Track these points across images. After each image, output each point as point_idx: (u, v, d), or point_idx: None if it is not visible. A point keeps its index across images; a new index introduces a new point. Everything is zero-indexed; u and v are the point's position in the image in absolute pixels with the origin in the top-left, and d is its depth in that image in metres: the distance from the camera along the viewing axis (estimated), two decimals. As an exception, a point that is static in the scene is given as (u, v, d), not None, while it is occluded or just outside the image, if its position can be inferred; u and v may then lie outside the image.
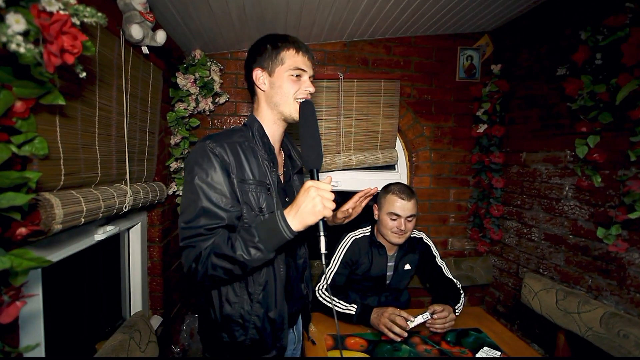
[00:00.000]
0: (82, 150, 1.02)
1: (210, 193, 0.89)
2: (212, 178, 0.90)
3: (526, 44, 2.06)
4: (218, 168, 0.91)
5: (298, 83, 1.00)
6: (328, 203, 0.80)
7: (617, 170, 1.49)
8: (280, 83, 1.00)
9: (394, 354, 1.24)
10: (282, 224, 0.82)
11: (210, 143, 0.93)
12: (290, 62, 0.99)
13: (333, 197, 0.81)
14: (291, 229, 0.82)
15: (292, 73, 0.99)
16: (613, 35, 1.38)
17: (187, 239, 0.89)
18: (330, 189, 0.82)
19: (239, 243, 0.84)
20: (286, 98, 1.00)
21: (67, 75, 0.91)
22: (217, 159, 0.92)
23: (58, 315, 1.17)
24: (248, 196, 0.95)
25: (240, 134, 1.02)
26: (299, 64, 1.00)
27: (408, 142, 2.31)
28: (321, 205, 0.79)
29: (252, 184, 0.96)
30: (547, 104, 1.89)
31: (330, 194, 0.81)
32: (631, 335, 1.31)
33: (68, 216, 0.86)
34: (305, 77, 1.02)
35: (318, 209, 0.79)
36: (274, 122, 1.05)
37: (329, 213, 0.80)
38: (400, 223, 1.54)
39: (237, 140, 0.98)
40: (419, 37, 2.24)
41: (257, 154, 1.00)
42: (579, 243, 1.70)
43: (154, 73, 1.55)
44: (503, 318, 2.25)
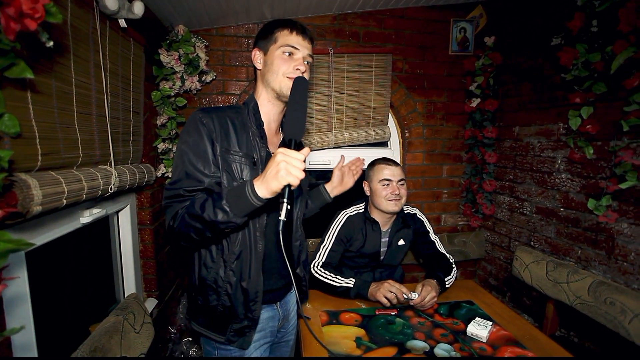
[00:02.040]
0: (60, 130, 0.98)
1: (193, 158, 0.95)
2: (197, 144, 0.96)
3: (521, 14, 2.00)
4: (204, 136, 0.96)
5: (289, 60, 1.02)
6: (294, 170, 0.79)
7: (610, 142, 1.48)
8: (271, 60, 1.04)
9: (389, 328, 1.26)
10: (248, 189, 0.84)
11: (200, 113, 0.99)
12: (282, 40, 1.03)
13: (302, 167, 0.80)
14: (257, 194, 0.83)
15: (283, 50, 1.02)
16: (610, 0, 1.34)
17: (168, 199, 0.96)
18: (301, 157, 0.81)
19: (209, 204, 0.86)
20: (276, 75, 1.03)
21: (35, 48, 0.85)
22: (204, 127, 0.97)
23: (48, 299, 1.16)
24: (231, 166, 0.99)
25: (236, 110, 1.07)
26: (291, 42, 1.02)
27: (400, 118, 2.28)
28: (285, 170, 0.79)
29: (237, 155, 1.00)
30: (541, 75, 1.86)
31: (298, 163, 0.80)
32: (617, 302, 1.34)
33: (48, 197, 0.83)
34: (298, 55, 1.03)
35: (281, 174, 0.79)
36: (268, 100, 1.08)
37: (293, 180, 0.79)
38: (394, 187, 1.56)
39: (230, 115, 1.03)
40: (410, 9, 2.17)
41: (249, 129, 1.04)
42: (570, 215, 1.72)
43: (135, 49, 1.48)
44: (495, 291, 2.30)
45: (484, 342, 1.17)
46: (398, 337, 1.20)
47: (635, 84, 1.30)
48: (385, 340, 1.19)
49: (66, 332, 1.28)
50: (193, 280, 1.09)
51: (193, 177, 0.95)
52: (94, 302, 1.51)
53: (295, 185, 0.80)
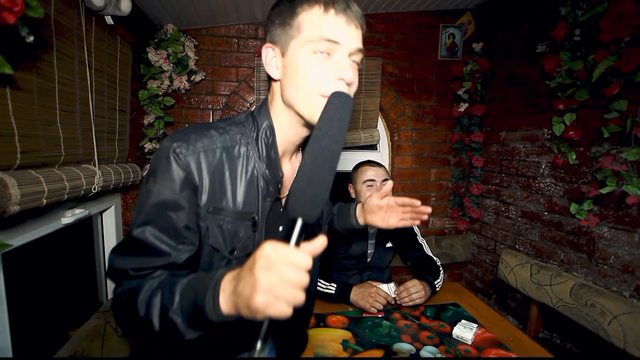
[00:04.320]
0: (41, 127, 0.95)
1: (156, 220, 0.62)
2: (164, 199, 0.62)
3: (508, 21, 2.04)
4: (177, 186, 0.62)
5: (326, 65, 0.63)
6: (286, 293, 0.42)
7: (591, 147, 1.52)
8: (294, 66, 0.64)
9: (376, 330, 1.26)
10: (209, 298, 0.50)
11: (178, 146, 0.62)
12: (310, 30, 0.62)
13: (304, 282, 0.43)
14: (219, 309, 0.49)
15: (315, 48, 0.62)
16: (592, 11, 1.38)
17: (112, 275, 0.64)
18: (306, 265, 0.44)
19: (157, 303, 0.56)
20: (305, 90, 0.63)
21: (16, 43, 0.83)
22: (181, 172, 0.62)
23: (26, 302, 1.12)
24: (219, 232, 0.67)
25: (237, 131, 0.70)
26: (328, 32, 0.61)
27: (390, 121, 2.29)
28: (267, 296, 0.42)
29: (230, 215, 0.67)
30: (526, 82, 1.90)
31: (299, 276, 0.43)
32: (597, 304, 1.37)
33: (26, 197, 0.81)
34: (341, 53, 0.63)
35: (257, 303, 0.42)
36: (290, 126, 0.71)
37: (280, 312, 0.42)
38: (378, 188, 1.58)
39: (226, 144, 0.67)
40: (401, 14, 2.19)
41: (254, 167, 0.69)
42: (553, 219, 1.75)
43: (122, 47, 1.46)
44: (481, 293, 2.33)
45: (469, 345, 1.18)
46: (385, 339, 1.21)
47: (615, 92, 1.34)
48: (372, 342, 1.19)
49: (45, 336, 1.25)
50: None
51: (150, 249, 0.61)
52: (76, 305, 1.47)
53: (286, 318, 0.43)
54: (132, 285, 0.60)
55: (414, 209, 0.94)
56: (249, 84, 2.07)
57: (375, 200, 0.97)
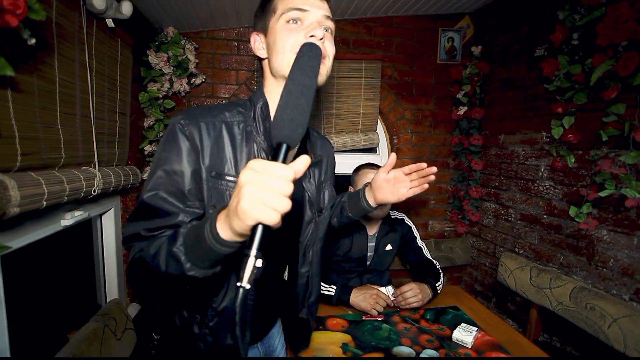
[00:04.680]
0: (42, 129, 0.95)
1: (164, 183, 0.68)
2: (172, 164, 0.68)
3: (506, 25, 2.06)
4: (183, 153, 0.69)
5: (298, 29, 0.72)
6: (271, 198, 0.44)
7: (590, 151, 1.53)
8: (274, 38, 0.74)
9: (375, 333, 1.26)
10: (207, 227, 0.53)
11: (183, 119, 0.70)
12: (282, 6, 0.73)
13: (287, 190, 0.45)
14: (217, 234, 0.52)
15: (286, 18, 0.72)
16: (590, 15, 1.39)
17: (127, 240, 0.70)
18: (285, 174, 0.46)
19: (164, 248, 0.60)
20: (283, 54, 0.72)
21: (17, 45, 0.83)
22: (186, 140, 0.69)
23: (25, 304, 1.12)
24: (222, 195, 0.72)
25: (237, 111, 0.78)
26: (295, 3, 0.72)
27: (389, 124, 2.30)
28: (252, 200, 0.45)
29: (232, 181, 0.72)
30: (525, 85, 1.91)
31: (283, 184, 0.45)
32: (597, 307, 1.37)
33: (26, 199, 0.81)
34: (310, 19, 0.72)
35: (243, 205, 0.45)
36: None
37: (267, 216, 0.44)
38: None
39: (226, 120, 0.75)
40: (400, 17, 2.21)
41: (253, 140, 0.76)
42: (553, 222, 1.75)
43: (122, 49, 1.46)
44: (480, 296, 2.32)
45: (469, 348, 1.17)
46: (384, 342, 1.20)
47: (612, 96, 1.35)
48: (372, 346, 1.18)
49: (43, 339, 1.24)
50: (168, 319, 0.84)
51: (159, 211, 0.67)
52: (74, 307, 1.46)
53: (274, 224, 0.45)
54: (144, 246, 0.65)
55: (420, 173, 0.97)
56: (249, 87, 2.07)
57: (382, 175, 0.99)
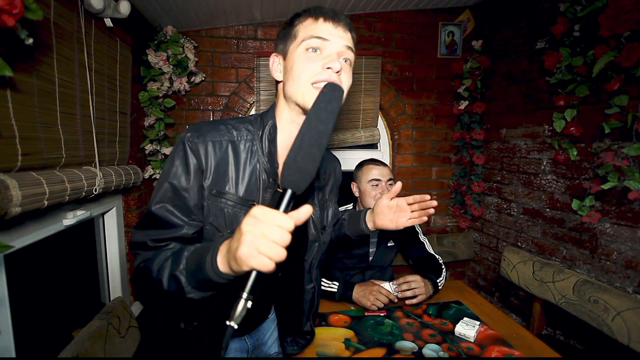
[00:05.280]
0: (42, 129, 0.96)
1: (170, 197, 0.72)
2: (179, 179, 0.73)
3: (507, 19, 2.04)
4: (191, 169, 0.73)
5: (316, 59, 0.73)
6: (268, 248, 0.48)
7: (592, 143, 1.52)
8: (291, 64, 0.75)
9: (378, 329, 1.26)
10: (209, 258, 0.57)
11: (192, 136, 0.73)
12: (303, 33, 0.74)
13: (285, 241, 0.49)
14: (217, 267, 0.56)
15: (306, 46, 0.73)
16: (591, 6, 1.37)
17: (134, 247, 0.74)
18: (286, 225, 0.49)
19: (167, 266, 0.64)
20: (298, 82, 0.73)
21: (16, 45, 0.83)
22: (193, 157, 0.73)
23: (29, 303, 1.13)
24: (220, 215, 0.75)
25: (246, 128, 0.80)
26: (316, 32, 0.73)
27: (390, 120, 2.29)
28: (250, 248, 0.49)
29: (232, 199, 0.75)
30: (526, 79, 1.90)
31: (281, 235, 0.49)
32: (600, 301, 1.37)
33: (28, 198, 0.81)
34: (330, 49, 0.73)
35: (241, 253, 0.49)
36: (291, 121, 0.79)
37: (262, 264, 0.48)
38: (383, 188, 1.57)
39: (233, 139, 0.77)
40: (400, 12, 2.19)
41: (257, 160, 0.78)
42: (555, 216, 1.75)
43: (122, 49, 1.46)
44: (483, 291, 2.32)
45: (472, 342, 1.17)
46: (387, 337, 1.20)
47: (615, 87, 1.33)
48: (374, 341, 1.18)
49: (47, 338, 1.25)
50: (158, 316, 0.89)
51: (165, 223, 0.71)
52: (78, 306, 1.47)
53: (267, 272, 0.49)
54: (150, 256, 0.69)
55: (422, 205, 1.01)
56: (248, 85, 2.07)
57: (385, 202, 1.03)
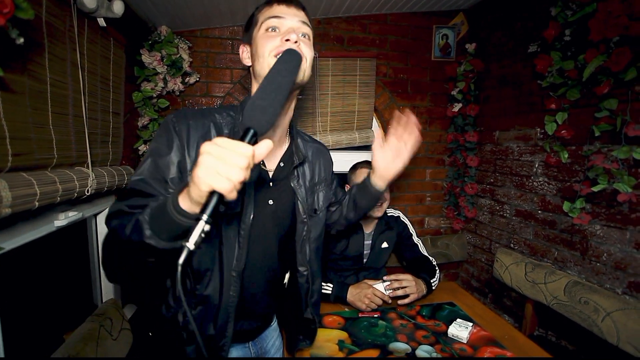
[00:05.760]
0: (33, 130, 0.95)
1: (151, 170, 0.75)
2: (161, 154, 0.76)
3: (500, 22, 2.06)
4: (173, 146, 0.77)
5: (276, 36, 0.79)
6: (227, 169, 0.49)
7: (583, 146, 1.54)
8: (255, 46, 0.81)
9: (371, 330, 1.26)
10: (170, 197, 0.58)
11: (175, 117, 0.79)
12: (262, 17, 0.81)
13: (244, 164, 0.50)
14: (177, 203, 0.55)
15: (265, 26, 0.79)
16: (581, 11, 1.40)
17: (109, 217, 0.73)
18: (244, 151, 0.51)
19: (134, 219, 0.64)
20: (262, 57, 0.78)
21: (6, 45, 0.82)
22: (175, 136, 0.77)
23: (19, 305, 1.11)
24: None
25: (227, 114, 0.86)
26: (273, 12, 0.80)
27: (384, 122, 2.30)
28: (208, 170, 0.49)
29: None
30: (519, 82, 1.92)
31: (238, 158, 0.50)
32: (590, 302, 1.39)
33: (18, 199, 0.80)
34: (286, 25, 0.79)
35: (200, 173, 0.50)
36: None
37: (221, 184, 0.49)
38: None
39: (216, 121, 0.82)
40: (394, 15, 2.21)
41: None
42: (547, 218, 1.77)
43: (115, 49, 1.45)
44: (477, 292, 2.34)
45: (465, 343, 1.18)
46: (380, 339, 1.21)
47: (605, 91, 1.35)
48: (368, 342, 1.19)
49: (38, 340, 1.24)
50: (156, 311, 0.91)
51: (142, 192, 0.73)
52: (70, 308, 1.45)
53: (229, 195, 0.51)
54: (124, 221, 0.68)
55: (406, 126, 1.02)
56: (243, 86, 2.07)
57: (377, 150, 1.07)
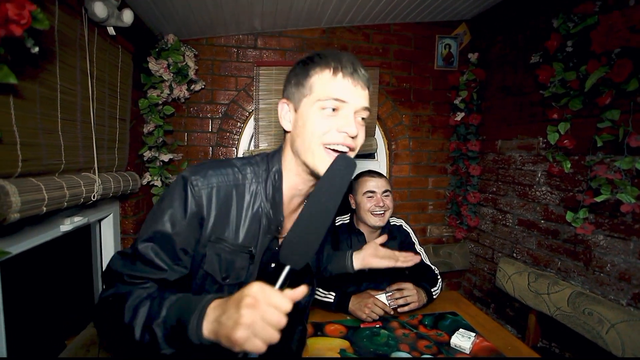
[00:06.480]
0: (42, 136, 0.96)
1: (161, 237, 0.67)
2: (175, 221, 0.68)
3: (502, 33, 2.09)
4: (189, 215, 0.69)
5: (332, 119, 0.69)
6: (264, 332, 0.47)
7: (585, 156, 1.54)
8: (304, 120, 0.71)
9: (373, 339, 1.26)
10: (194, 319, 0.53)
11: (195, 179, 0.69)
12: (321, 90, 0.69)
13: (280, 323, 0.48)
14: (201, 331, 0.52)
15: (323, 105, 0.69)
16: (583, 23, 1.42)
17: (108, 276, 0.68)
18: (286, 308, 0.49)
19: (143, 312, 0.59)
20: (309, 141, 0.69)
21: (20, 53, 0.84)
22: (194, 205, 0.69)
23: (23, 310, 1.11)
24: (214, 259, 0.72)
25: (250, 170, 0.76)
26: (336, 92, 0.68)
27: (387, 130, 2.32)
28: (247, 331, 0.47)
29: (229, 246, 0.72)
30: (521, 92, 1.94)
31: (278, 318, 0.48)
32: (595, 313, 1.38)
33: (27, 204, 0.81)
34: (347, 110, 0.69)
35: (237, 336, 0.47)
36: (297, 174, 0.76)
37: (254, 348, 0.47)
38: (378, 199, 1.56)
39: (237, 183, 0.74)
40: (397, 25, 2.24)
41: (259, 206, 0.75)
42: (550, 227, 1.76)
43: (123, 56, 1.48)
44: (479, 302, 2.32)
45: (467, 354, 1.17)
46: (383, 348, 1.20)
47: (607, 102, 1.36)
48: (370, 352, 1.18)
49: (41, 345, 1.24)
50: None
51: (149, 263, 0.66)
52: (72, 313, 1.46)
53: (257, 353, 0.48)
54: (122, 291, 0.64)
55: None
56: (248, 93, 2.09)
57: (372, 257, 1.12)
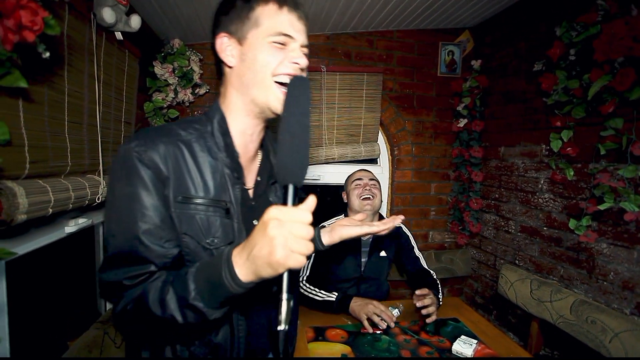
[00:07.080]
0: (49, 138, 0.98)
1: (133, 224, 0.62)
2: (138, 200, 0.62)
3: (505, 40, 2.10)
4: (148, 183, 0.63)
5: (282, 52, 0.70)
6: (298, 245, 0.50)
7: (588, 164, 1.54)
8: (255, 52, 0.69)
9: (375, 345, 1.25)
10: (226, 272, 0.54)
11: (137, 146, 0.63)
12: (269, 24, 0.69)
13: (310, 234, 0.51)
14: (239, 279, 0.54)
15: (273, 39, 0.69)
16: (586, 32, 1.42)
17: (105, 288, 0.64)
18: (307, 219, 0.51)
19: (171, 300, 0.58)
20: (263, 74, 0.69)
21: (31, 57, 0.86)
22: (147, 170, 0.63)
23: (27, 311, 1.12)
24: (192, 223, 0.67)
25: (194, 127, 0.72)
26: (283, 27, 0.69)
27: (390, 136, 2.33)
28: (285, 250, 0.49)
29: (202, 204, 0.67)
30: (524, 99, 1.94)
31: (304, 230, 0.50)
32: (598, 321, 1.37)
33: (33, 206, 0.82)
34: (295, 44, 0.71)
35: (278, 257, 0.49)
36: (245, 114, 0.74)
37: (297, 262, 0.50)
38: (366, 184, 1.69)
39: (184, 138, 0.69)
40: (401, 31, 2.25)
41: (214, 156, 0.71)
42: (553, 234, 1.76)
43: (129, 61, 1.50)
44: (481, 309, 2.31)
45: (469, 360, 1.17)
46: (384, 354, 1.20)
47: (610, 110, 1.37)
48: (371, 357, 1.18)
49: (44, 347, 1.24)
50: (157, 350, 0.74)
51: (136, 257, 0.62)
52: (75, 314, 1.46)
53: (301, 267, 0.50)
54: (136, 294, 0.61)
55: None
56: (252, 98, 2.11)
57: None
